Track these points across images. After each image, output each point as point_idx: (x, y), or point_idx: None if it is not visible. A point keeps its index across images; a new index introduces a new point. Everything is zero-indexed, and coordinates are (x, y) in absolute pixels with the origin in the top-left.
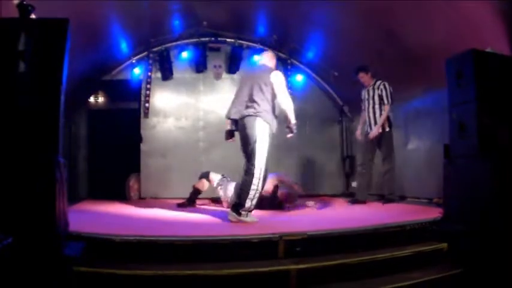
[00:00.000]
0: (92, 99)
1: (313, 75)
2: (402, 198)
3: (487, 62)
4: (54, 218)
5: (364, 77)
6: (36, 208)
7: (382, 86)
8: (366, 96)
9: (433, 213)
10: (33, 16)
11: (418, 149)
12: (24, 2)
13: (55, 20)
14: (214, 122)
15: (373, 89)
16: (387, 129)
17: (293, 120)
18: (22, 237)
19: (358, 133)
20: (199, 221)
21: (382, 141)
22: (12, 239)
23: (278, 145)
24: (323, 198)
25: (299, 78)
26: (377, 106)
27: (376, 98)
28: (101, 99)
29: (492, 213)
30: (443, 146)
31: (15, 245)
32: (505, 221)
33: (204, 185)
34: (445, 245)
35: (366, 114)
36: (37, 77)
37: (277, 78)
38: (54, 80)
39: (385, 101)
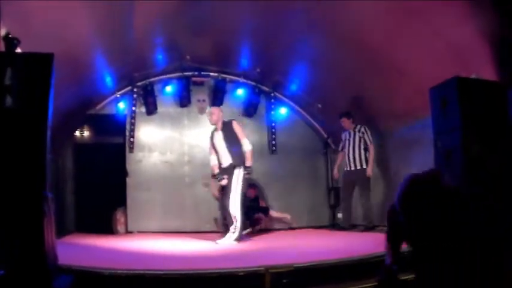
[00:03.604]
0: (77, 133)
1: (297, 107)
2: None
3: (471, 89)
4: (43, 251)
5: (345, 122)
6: (25, 242)
7: (363, 129)
8: (348, 137)
9: None
10: (18, 50)
11: (403, 177)
12: (10, 36)
13: (40, 55)
14: (199, 156)
15: (354, 132)
16: (364, 166)
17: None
18: (12, 270)
19: (335, 172)
20: (186, 254)
21: (361, 177)
22: (3, 271)
23: (265, 175)
24: (309, 230)
25: (283, 111)
26: (357, 146)
27: (357, 139)
28: (86, 133)
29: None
30: None
31: (6, 277)
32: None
33: None
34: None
35: (346, 154)
36: (23, 111)
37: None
38: (40, 114)
39: (369, 142)
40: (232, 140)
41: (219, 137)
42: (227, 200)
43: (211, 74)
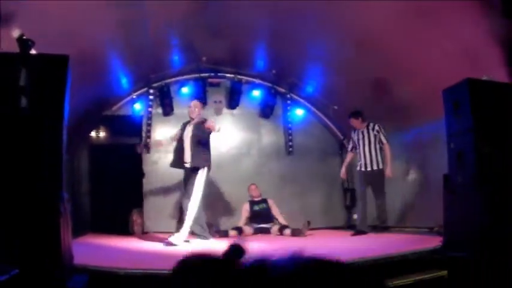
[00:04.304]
0: (93, 134)
1: (313, 109)
2: (402, 228)
3: (483, 90)
4: (59, 251)
5: (354, 122)
6: (41, 241)
7: (377, 127)
8: (360, 137)
9: (434, 242)
10: (33, 51)
11: (418, 179)
12: (24, 37)
13: (55, 56)
14: (215, 157)
15: (368, 131)
16: (381, 166)
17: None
18: (28, 269)
19: (343, 171)
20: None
21: (377, 178)
22: (19, 270)
23: (281, 176)
24: (324, 231)
25: (299, 112)
26: (372, 145)
27: (372, 138)
28: (102, 134)
29: (490, 240)
30: (443, 176)
31: (21, 276)
32: (503, 248)
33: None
34: (445, 272)
35: (361, 154)
36: (39, 112)
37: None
38: (56, 115)
39: (384, 140)
40: (200, 139)
41: (189, 132)
42: (186, 201)
43: (228, 75)
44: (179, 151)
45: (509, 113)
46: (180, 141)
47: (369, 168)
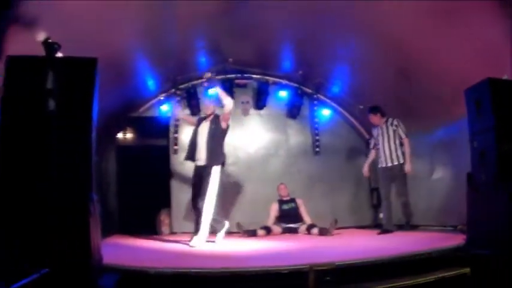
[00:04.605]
0: (120, 136)
1: (340, 109)
2: (427, 227)
3: (503, 90)
4: (89, 251)
5: (373, 118)
6: (72, 241)
7: (396, 122)
8: (380, 133)
9: (457, 240)
10: (59, 54)
11: (443, 178)
12: (50, 40)
13: (84, 59)
14: (243, 158)
15: (387, 126)
16: (401, 161)
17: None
18: (59, 269)
19: (365, 169)
20: (229, 253)
21: (398, 173)
22: (49, 270)
23: (309, 176)
24: (352, 230)
25: (326, 112)
26: (392, 141)
27: (391, 133)
28: (129, 136)
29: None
30: (466, 174)
31: (52, 276)
32: None
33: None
34: (467, 269)
35: (382, 150)
36: (67, 115)
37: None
38: (85, 117)
39: (403, 135)
40: (215, 135)
41: (204, 129)
42: (201, 201)
43: (254, 76)
44: (193, 146)
45: None
46: (194, 135)
47: (389, 164)
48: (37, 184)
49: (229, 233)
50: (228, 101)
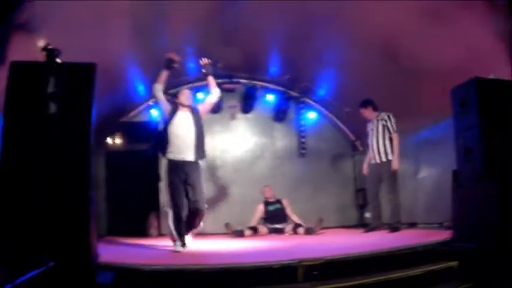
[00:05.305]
0: (110, 140)
1: (326, 112)
2: (413, 225)
3: (490, 88)
4: (89, 248)
5: (364, 112)
6: (72, 239)
7: (386, 117)
8: (370, 127)
9: (443, 235)
10: (58, 60)
11: (429, 177)
12: (50, 47)
13: (83, 64)
14: (230, 161)
15: (377, 121)
16: (390, 157)
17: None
18: (61, 264)
19: (365, 167)
20: (221, 251)
21: (386, 170)
22: (54, 263)
23: (295, 178)
24: (338, 229)
25: (312, 115)
26: (380, 136)
27: (380, 128)
28: (119, 141)
29: (499, 230)
30: (452, 171)
31: (56, 270)
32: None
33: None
34: (455, 263)
35: (370, 145)
36: (67, 117)
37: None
38: (85, 121)
39: (392, 130)
40: (202, 128)
41: (187, 119)
42: (198, 202)
43: (242, 80)
44: (168, 137)
45: None
46: (169, 126)
47: (378, 160)
48: (39, 184)
49: (217, 234)
50: (217, 91)
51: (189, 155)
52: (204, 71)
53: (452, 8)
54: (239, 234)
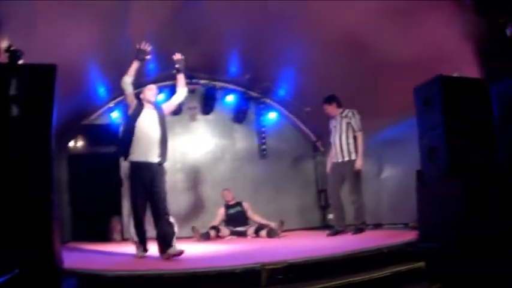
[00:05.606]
0: (72, 144)
1: (286, 112)
2: (378, 226)
3: (454, 86)
4: (52, 254)
5: (328, 108)
6: (35, 245)
7: (350, 114)
8: (333, 125)
9: (409, 236)
10: (21, 61)
11: (392, 176)
12: (12, 48)
13: (44, 66)
14: (191, 163)
15: (341, 118)
16: (353, 157)
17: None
18: (26, 271)
19: (329, 167)
20: (183, 256)
21: (350, 170)
22: (19, 270)
23: (255, 180)
24: (300, 231)
25: (272, 115)
26: (344, 134)
27: (344, 126)
28: (81, 144)
29: (464, 228)
30: (416, 171)
31: (20, 276)
32: (477, 235)
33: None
34: (422, 264)
35: (333, 143)
36: (29, 119)
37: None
38: (46, 123)
39: (356, 128)
40: (166, 128)
41: (153, 117)
42: (164, 205)
43: (202, 81)
44: (131, 139)
45: (482, 107)
46: (133, 127)
47: (339, 160)
48: (1, 188)
49: (178, 238)
50: (184, 91)
51: (153, 157)
52: (177, 66)
53: (418, 8)
54: (206, 237)
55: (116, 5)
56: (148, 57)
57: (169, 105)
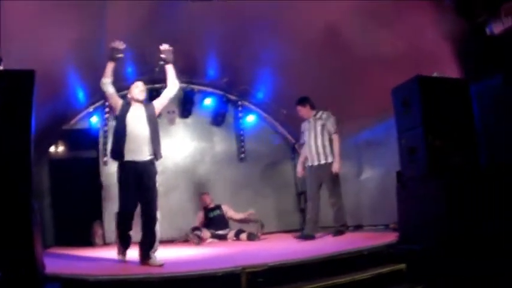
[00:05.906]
0: (52, 149)
1: (264, 114)
2: (358, 227)
3: (433, 86)
4: (34, 260)
5: (301, 110)
6: (16, 251)
7: (325, 116)
8: (307, 127)
9: (390, 237)
10: (1, 67)
11: (372, 178)
12: None
13: (23, 72)
14: (170, 167)
15: (315, 120)
16: (330, 160)
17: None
18: (8, 276)
19: (299, 169)
20: (165, 259)
21: (328, 173)
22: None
23: (234, 183)
24: (280, 234)
25: (250, 118)
26: (319, 137)
27: (319, 128)
28: (61, 149)
29: (444, 229)
30: (396, 172)
31: (1, 283)
32: (457, 235)
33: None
34: (403, 265)
35: (308, 146)
36: (9, 126)
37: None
38: (25, 129)
39: (332, 130)
40: (156, 126)
41: (141, 115)
42: (153, 207)
43: (180, 85)
44: (123, 139)
45: (461, 107)
46: (124, 126)
47: (315, 163)
48: None
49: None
50: (176, 83)
51: (142, 155)
52: (163, 56)
53: (397, 8)
54: (200, 239)
55: (93, 9)
56: (121, 55)
57: (161, 101)
